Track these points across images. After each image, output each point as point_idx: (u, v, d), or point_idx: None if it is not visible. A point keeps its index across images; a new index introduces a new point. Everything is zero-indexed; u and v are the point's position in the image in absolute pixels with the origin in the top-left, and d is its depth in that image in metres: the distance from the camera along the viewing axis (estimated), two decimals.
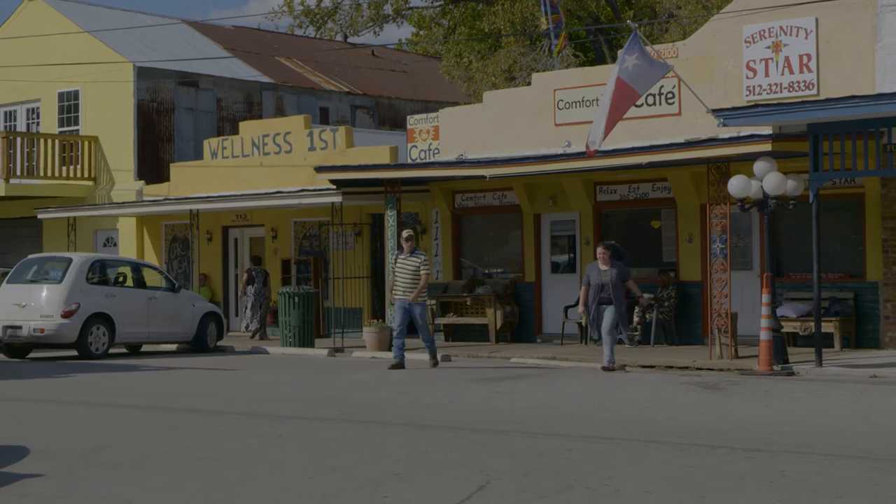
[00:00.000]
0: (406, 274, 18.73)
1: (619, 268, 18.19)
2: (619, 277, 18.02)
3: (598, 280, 18.04)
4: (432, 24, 44.65)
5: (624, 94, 17.42)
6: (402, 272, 18.77)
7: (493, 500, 8.14)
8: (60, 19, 30.91)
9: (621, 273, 18.14)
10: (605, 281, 18.00)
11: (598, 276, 18.08)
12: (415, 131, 25.04)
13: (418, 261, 18.75)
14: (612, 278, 17.95)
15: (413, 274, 18.66)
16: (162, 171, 29.50)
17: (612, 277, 17.96)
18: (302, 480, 8.94)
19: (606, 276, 18.04)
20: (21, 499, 8.28)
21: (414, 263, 18.73)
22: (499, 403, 14.07)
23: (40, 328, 21.22)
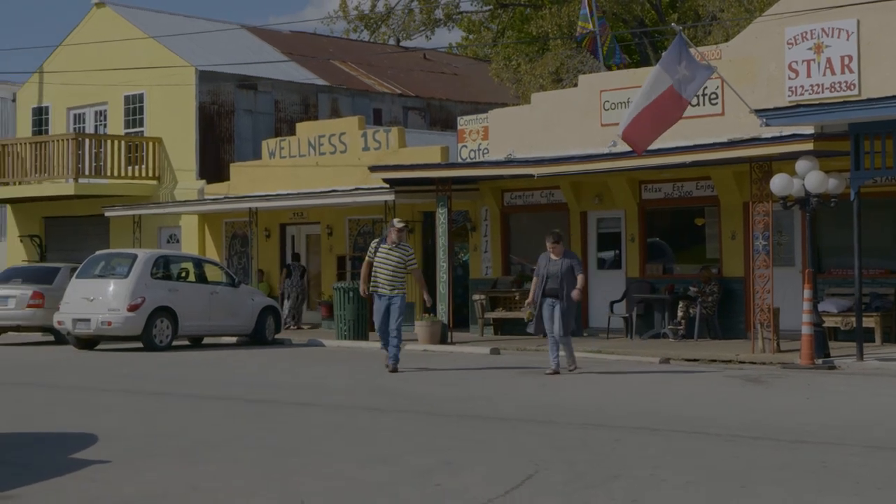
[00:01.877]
0: (388, 266, 16.65)
1: (572, 259, 16.41)
2: (570, 269, 16.19)
3: (545, 270, 16.30)
4: (482, 28, 44.62)
5: (675, 103, 17.29)
6: (384, 263, 16.69)
7: (541, 489, 8.13)
8: (126, 26, 31.19)
9: (572, 264, 16.28)
10: (554, 271, 16.20)
11: (547, 265, 16.32)
12: (465, 132, 25.02)
13: (405, 255, 16.80)
14: (562, 269, 16.15)
15: (396, 267, 16.63)
16: (222, 170, 29.68)
17: (562, 268, 16.16)
18: (356, 469, 8.97)
19: (556, 266, 16.23)
20: (91, 483, 8.38)
21: (399, 256, 16.73)
22: (546, 395, 14.05)
23: (107, 321, 21.42)
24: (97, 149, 29.84)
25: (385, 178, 23.63)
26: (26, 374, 17.26)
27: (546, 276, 16.19)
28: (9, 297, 23.69)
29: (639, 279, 22.69)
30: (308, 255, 28.58)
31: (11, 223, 33.72)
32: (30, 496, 7.93)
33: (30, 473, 8.67)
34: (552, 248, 16.30)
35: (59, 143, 29.74)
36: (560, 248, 16.34)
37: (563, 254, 16.32)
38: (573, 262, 16.30)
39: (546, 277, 16.19)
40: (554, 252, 16.33)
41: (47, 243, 32.80)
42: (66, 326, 21.98)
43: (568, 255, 16.39)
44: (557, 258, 16.28)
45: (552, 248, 16.29)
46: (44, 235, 32.89)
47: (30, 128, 33.31)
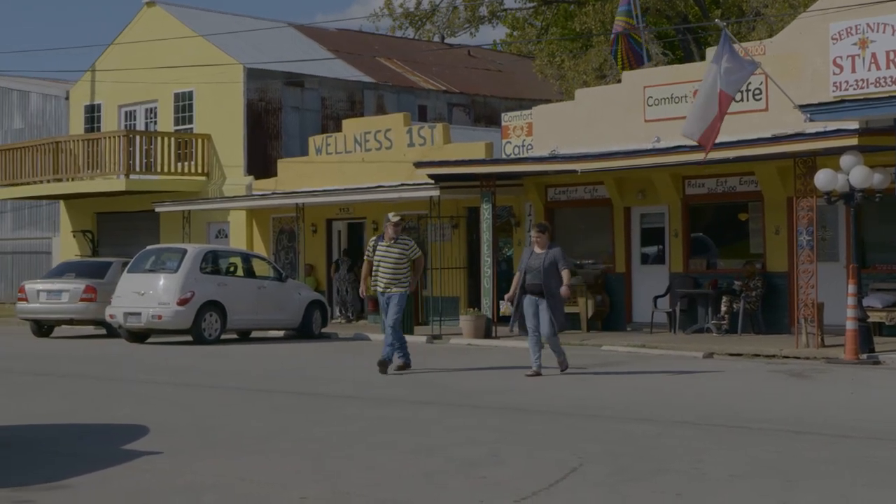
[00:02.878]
0: (388, 263, 15.75)
1: (556, 253, 14.99)
2: (553, 263, 14.85)
3: (525, 264, 15.07)
4: (526, 24, 44.54)
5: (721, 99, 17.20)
6: (384, 261, 15.80)
7: (585, 481, 8.12)
8: (176, 24, 31.41)
9: (555, 258, 14.91)
10: (535, 265, 14.89)
11: (528, 259, 15.09)
12: (509, 128, 24.99)
13: (405, 248, 15.83)
14: (545, 263, 14.79)
15: (396, 263, 15.71)
16: (270, 166, 29.82)
17: (545, 262, 14.80)
18: (402, 460, 9.00)
19: (537, 260, 14.94)
20: (142, 474, 8.46)
21: (398, 251, 15.75)
22: (590, 389, 14.02)
23: (158, 315, 21.59)
24: (148, 145, 30.06)
25: (430, 174, 23.66)
26: (79, 367, 17.45)
27: (525, 270, 14.96)
28: (62, 291, 23.95)
29: (682, 274, 22.57)
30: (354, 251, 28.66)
31: (65, 219, 34.07)
32: (83, 486, 8.02)
33: (83, 464, 8.77)
34: (536, 240, 15.12)
35: (110, 140, 30.00)
36: (545, 240, 15.06)
37: (547, 246, 15.02)
38: (557, 256, 14.90)
39: (525, 272, 14.96)
40: (538, 244, 15.09)
41: (99, 238, 33.12)
42: (117, 320, 22.19)
43: (552, 249, 15.03)
44: (541, 251, 14.99)
45: (536, 239, 15.11)
46: (96, 231, 33.21)
47: (82, 125, 33.62)
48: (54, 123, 35.07)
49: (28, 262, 35.86)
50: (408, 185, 24.86)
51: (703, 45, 33.80)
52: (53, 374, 16.26)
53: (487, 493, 7.78)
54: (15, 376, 14.88)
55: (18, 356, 18.10)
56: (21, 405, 12.50)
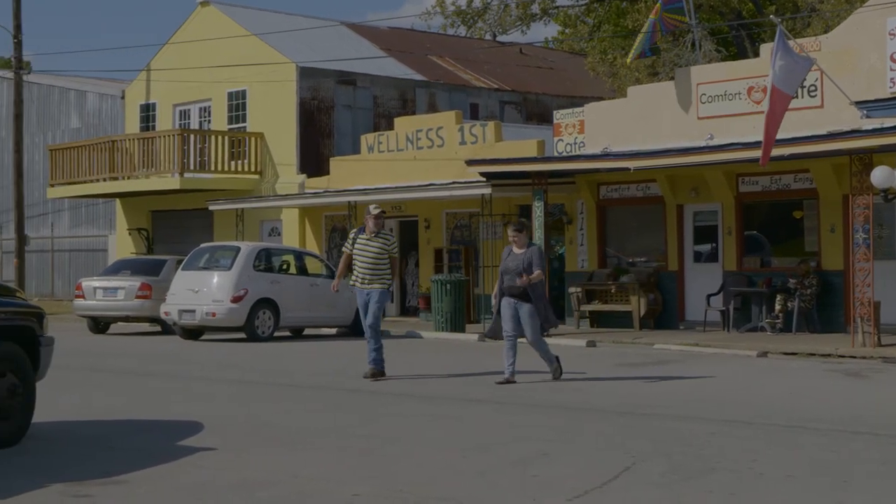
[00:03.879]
0: (368, 258, 14.68)
1: (533, 252, 13.89)
2: (529, 263, 13.74)
3: (506, 265, 13.97)
4: (578, 22, 44.39)
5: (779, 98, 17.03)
6: (361, 255, 14.73)
7: (638, 480, 8.08)
8: (230, 24, 31.64)
9: (532, 258, 13.78)
10: (512, 267, 13.80)
11: (507, 260, 14.02)
12: (561, 125, 24.93)
13: (386, 243, 14.79)
14: (523, 264, 13.73)
15: (377, 258, 14.67)
16: (322, 164, 29.95)
17: (524, 263, 13.73)
18: (455, 458, 9.01)
19: (515, 261, 13.83)
20: (197, 470, 8.54)
21: (379, 246, 14.72)
22: (643, 388, 13.96)
23: (212, 312, 21.76)
24: (201, 144, 30.30)
25: (482, 172, 23.64)
26: (135, 364, 17.63)
27: (504, 271, 13.94)
28: (118, 289, 24.19)
29: (736, 272, 22.40)
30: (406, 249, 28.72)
31: (120, 217, 34.45)
32: (140, 481, 8.11)
33: (138, 459, 8.86)
34: (514, 239, 13.98)
35: (165, 138, 30.28)
36: (523, 239, 13.94)
37: (526, 246, 13.94)
38: (534, 256, 13.78)
39: (503, 273, 13.93)
40: (516, 244, 13.96)
41: (154, 236, 33.44)
42: (172, 317, 22.38)
43: (531, 248, 13.94)
44: (520, 251, 13.89)
45: (514, 238, 13.98)
46: (151, 228, 33.54)
47: (137, 124, 33.97)
48: (110, 123, 35.46)
49: (85, 259, 36.32)
50: (459, 182, 24.88)
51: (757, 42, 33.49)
52: (110, 370, 16.44)
53: (539, 491, 7.77)
54: (73, 372, 15.06)
55: (76, 352, 18.31)
56: (79, 401, 12.65)
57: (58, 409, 11.49)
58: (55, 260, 37.42)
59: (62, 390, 12.91)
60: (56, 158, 33.00)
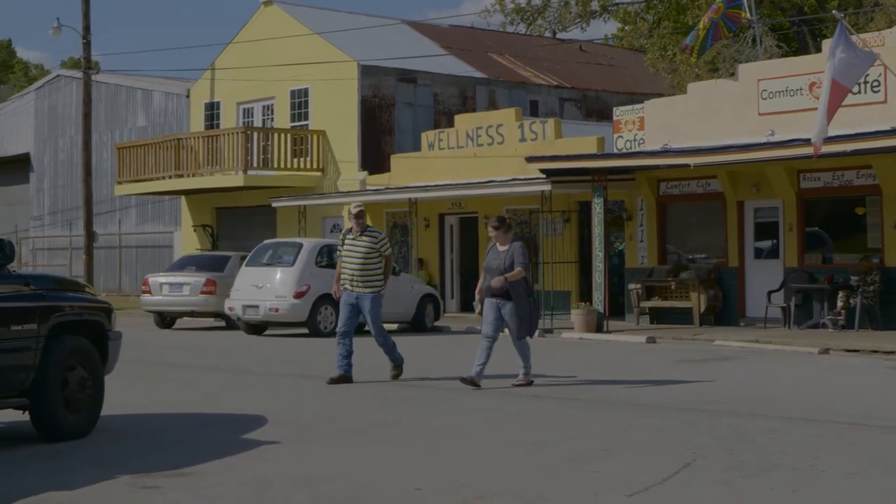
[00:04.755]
0: (354, 259, 13.82)
1: (516, 250, 13.03)
2: (511, 261, 12.95)
3: (488, 263, 13.17)
4: (637, 18, 44.12)
5: (836, 90, 16.82)
6: (349, 256, 13.88)
7: (699, 477, 8.03)
8: (292, 23, 31.82)
9: (514, 255, 12.97)
10: (495, 266, 13.01)
11: (492, 258, 13.17)
12: (621, 122, 24.80)
13: (374, 241, 13.89)
14: (506, 262, 12.95)
15: (364, 258, 13.75)
16: (383, 162, 30.04)
17: (506, 262, 12.95)
18: (516, 453, 9.00)
19: (497, 259, 13.03)
20: (261, 463, 8.61)
21: (365, 245, 13.82)
22: (703, 384, 13.85)
23: (275, 307, 21.91)
24: (265, 142, 30.51)
25: (541, 169, 23.59)
26: (200, 358, 17.80)
27: (486, 270, 13.20)
28: (184, 284, 24.42)
29: (797, 269, 22.15)
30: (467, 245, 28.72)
31: (186, 213, 34.80)
32: (205, 473, 8.19)
33: (205, 452, 8.96)
34: (495, 237, 13.19)
35: (229, 136, 30.53)
36: (505, 237, 13.10)
37: (510, 243, 13.12)
38: (515, 253, 12.99)
39: (486, 272, 13.19)
40: (498, 241, 13.15)
41: (218, 232, 33.73)
42: (236, 312, 22.57)
43: (514, 245, 13.10)
44: (503, 248, 13.08)
45: (495, 235, 13.19)
46: (215, 225, 33.83)
47: (202, 122, 34.28)
48: (176, 121, 35.82)
49: (151, 255, 36.74)
50: (519, 179, 24.84)
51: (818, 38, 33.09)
52: (176, 364, 16.62)
53: (600, 486, 7.74)
54: (141, 366, 15.25)
55: (143, 347, 18.53)
56: (147, 394, 12.80)
57: (126, 402, 11.65)
58: (122, 256, 37.89)
59: (130, 384, 13.07)
60: (123, 156, 33.41)
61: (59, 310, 9.56)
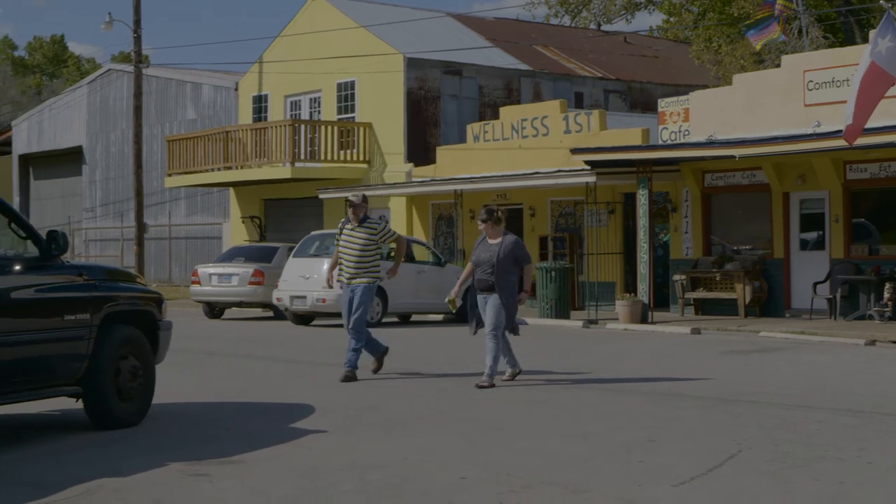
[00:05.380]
0: (353, 250, 13.26)
1: (513, 244, 12.52)
2: (509, 255, 12.43)
3: (478, 257, 12.63)
4: (682, 10, 43.83)
5: (879, 79, 16.58)
6: (347, 246, 13.33)
7: (745, 467, 7.98)
8: (339, 16, 31.88)
9: (513, 250, 12.47)
10: (485, 258, 12.48)
11: (479, 251, 12.65)
12: (665, 114, 24.65)
13: (372, 232, 13.28)
14: (499, 255, 12.41)
15: (362, 250, 13.19)
16: (428, 153, 30.05)
17: (499, 254, 12.41)
18: (557, 445, 8.98)
19: (488, 252, 12.51)
20: (308, 451, 8.65)
21: (364, 236, 13.23)
22: (748, 375, 13.76)
23: (322, 298, 21.97)
24: (312, 134, 30.62)
25: (586, 161, 23.50)
26: (249, 348, 17.91)
27: (476, 264, 12.63)
28: (232, 275, 24.57)
29: (843, 260, 21.92)
30: None
31: (234, 205, 35.00)
32: (254, 461, 8.25)
33: (253, 440, 9.01)
34: (484, 229, 12.63)
35: (276, 129, 30.66)
36: (496, 229, 12.55)
37: (501, 236, 12.57)
38: (515, 249, 12.45)
39: (476, 265, 12.63)
40: (489, 234, 12.59)
41: (266, 224, 33.90)
42: (283, 303, 22.68)
43: (507, 238, 12.56)
44: (494, 241, 12.54)
45: (484, 228, 12.62)
46: (263, 216, 34.01)
47: (250, 115, 34.46)
48: (224, 114, 36.02)
49: (200, 246, 37.00)
50: (564, 171, 24.77)
51: (865, 28, 32.71)
52: (225, 354, 16.73)
53: (645, 477, 7.71)
54: (191, 356, 15.37)
55: (193, 336, 18.67)
56: (196, 383, 12.90)
57: (176, 390, 11.74)
58: (172, 247, 38.19)
59: (180, 373, 13.18)
60: (173, 149, 33.67)
61: (112, 300, 9.65)
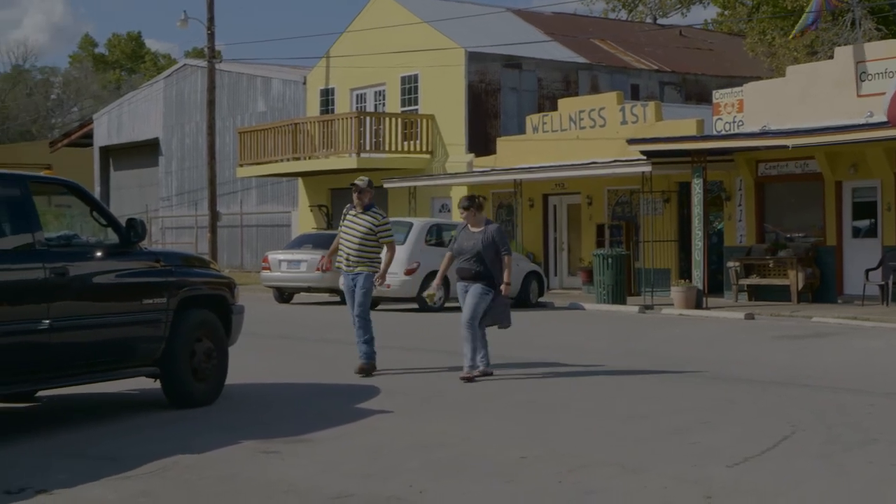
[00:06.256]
0: (353, 236, 12.33)
1: (495, 232, 11.66)
2: (493, 244, 11.58)
3: (460, 245, 11.78)
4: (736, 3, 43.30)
5: None
6: (348, 233, 12.41)
7: (798, 449, 7.89)
8: (403, 12, 31.90)
9: (497, 239, 11.62)
10: (468, 247, 11.65)
11: (465, 239, 11.77)
12: (720, 105, 24.39)
13: (374, 221, 12.32)
14: (483, 244, 11.56)
15: (362, 238, 12.25)
16: (489, 144, 30.00)
17: (483, 243, 11.57)
18: (614, 425, 8.94)
19: (471, 240, 11.65)
20: (374, 431, 8.69)
21: (365, 225, 12.31)
22: (801, 359, 13.60)
23: (386, 284, 21.83)
24: (376, 126, 30.69)
25: (642, 151, 23.33)
26: (316, 332, 18.02)
27: (457, 252, 11.77)
28: (301, 261, 24.69)
29: (895, 248, 21.58)
30: (569, 224, 28.57)
31: (302, 194, 35.21)
32: (322, 440, 8.30)
33: (322, 420, 9.07)
34: (466, 217, 11.78)
35: (343, 121, 30.77)
36: (478, 217, 11.72)
37: (483, 224, 11.73)
38: (496, 237, 11.59)
39: (457, 255, 11.77)
40: (470, 222, 11.75)
41: (333, 212, 34.05)
42: None
43: (489, 227, 11.72)
44: (476, 230, 11.68)
45: (466, 216, 11.78)
46: (330, 205, 34.17)
47: (318, 108, 34.62)
48: (293, 107, 36.22)
49: (270, 234, 37.27)
50: (620, 161, 24.62)
51: None
52: (294, 337, 16.85)
53: (699, 458, 7.65)
54: (262, 339, 15.49)
55: (264, 320, 18.81)
56: (266, 365, 13.01)
57: (248, 372, 11.83)
58: (244, 234, 38.51)
59: (252, 355, 13.28)
60: (244, 140, 33.93)
61: (187, 285, 9.75)
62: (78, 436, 8.50)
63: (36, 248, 8.40)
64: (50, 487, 6.80)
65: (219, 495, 6.67)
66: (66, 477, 7.05)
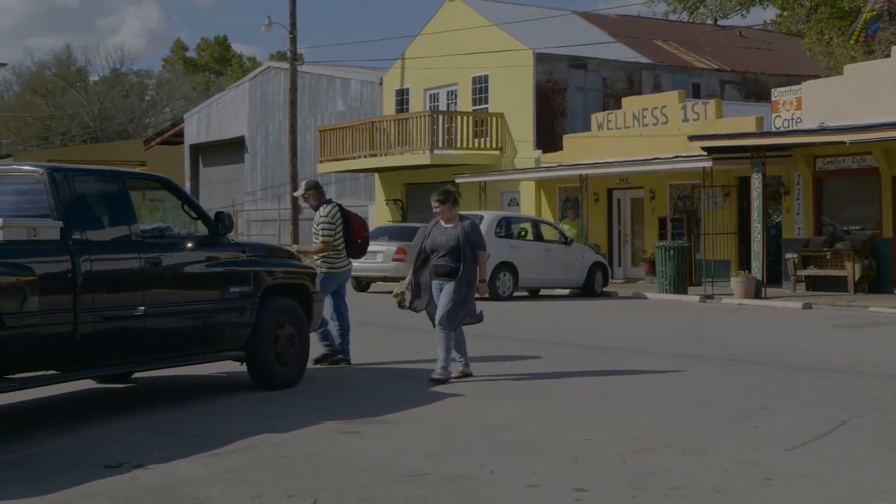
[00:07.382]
0: (315, 234, 11.93)
1: (470, 228, 10.51)
2: (468, 241, 10.43)
3: (429, 242, 10.64)
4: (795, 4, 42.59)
5: None
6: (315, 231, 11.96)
7: (854, 435, 7.75)
8: (473, 16, 31.86)
9: (472, 236, 10.49)
10: (441, 242, 10.52)
11: (438, 235, 10.60)
12: (779, 103, 24.01)
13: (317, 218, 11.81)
14: (461, 240, 10.43)
15: (315, 235, 11.89)
16: (556, 141, 29.85)
17: (460, 239, 10.43)
18: (677, 409, 8.86)
19: (444, 236, 10.52)
20: (447, 414, 8.70)
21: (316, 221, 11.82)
22: (858, 348, 13.35)
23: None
24: (449, 124, 30.69)
25: (703, 147, 23.07)
26: (391, 319, 18.07)
27: (430, 249, 10.60)
28: (377, 253, 24.78)
29: None
30: (632, 218, 28.36)
31: (378, 189, 35.36)
32: (398, 421, 8.33)
33: (398, 402, 9.11)
34: (440, 211, 10.60)
35: (417, 119, 30.82)
36: (451, 213, 10.58)
37: (456, 220, 10.60)
38: (470, 233, 10.47)
39: (430, 251, 10.61)
40: (443, 217, 10.61)
41: (408, 206, 34.17)
42: None
43: (464, 223, 10.55)
44: (449, 225, 10.57)
45: (440, 210, 10.59)
46: (405, 199, 34.28)
47: (393, 107, 34.71)
48: (370, 106, 36.36)
49: None
50: (682, 156, 24.37)
51: None
52: (372, 323, 16.92)
53: (759, 442, 7.55)
54: None
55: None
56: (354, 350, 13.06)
57: None
58: None
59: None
60: (324, 138, 34.15)
61: (271, 274, 9.84)
62: (171, 415, 8.63)
63: (132, 240, 8.54)
64: (145, 462, 6.92)
65: (301, 473, 6.73)
66: (160, 453, 7.17)
